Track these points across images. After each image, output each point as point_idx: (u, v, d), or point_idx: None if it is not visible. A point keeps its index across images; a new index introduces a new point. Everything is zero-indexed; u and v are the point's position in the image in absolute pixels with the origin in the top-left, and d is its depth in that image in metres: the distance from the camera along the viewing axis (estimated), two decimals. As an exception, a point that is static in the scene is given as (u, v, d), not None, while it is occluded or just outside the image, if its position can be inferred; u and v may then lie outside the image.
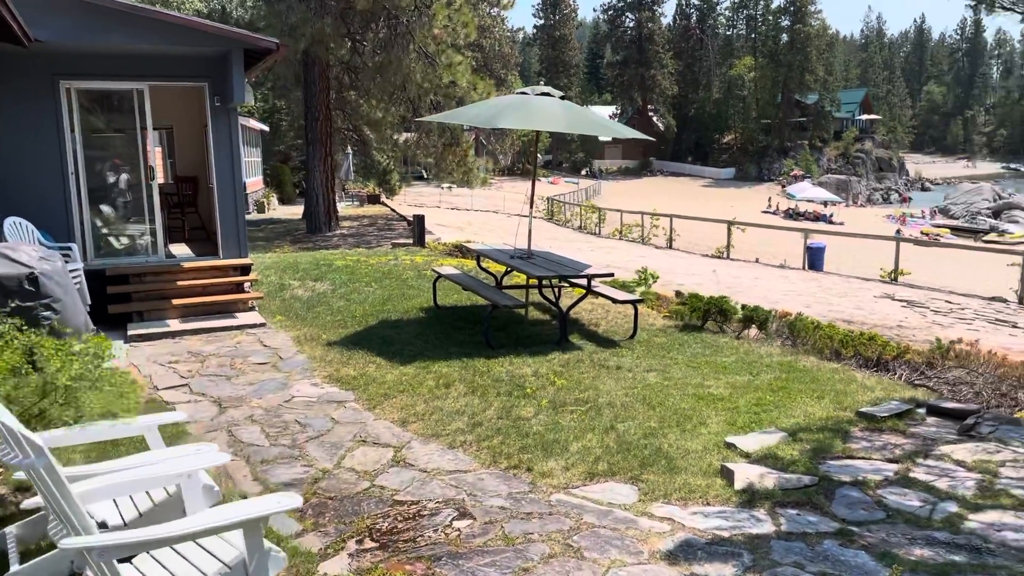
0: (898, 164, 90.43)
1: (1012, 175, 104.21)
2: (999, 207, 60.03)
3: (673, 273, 18.89)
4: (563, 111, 7.88)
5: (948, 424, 5.50)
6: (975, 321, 14.68)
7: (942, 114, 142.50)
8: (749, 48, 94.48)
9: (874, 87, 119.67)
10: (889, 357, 8.83)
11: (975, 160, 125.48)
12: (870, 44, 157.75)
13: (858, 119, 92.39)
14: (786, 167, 79.87)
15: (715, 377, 6.74)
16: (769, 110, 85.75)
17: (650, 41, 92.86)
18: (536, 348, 7.73)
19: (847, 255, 25.12)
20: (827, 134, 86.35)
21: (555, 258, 8.92)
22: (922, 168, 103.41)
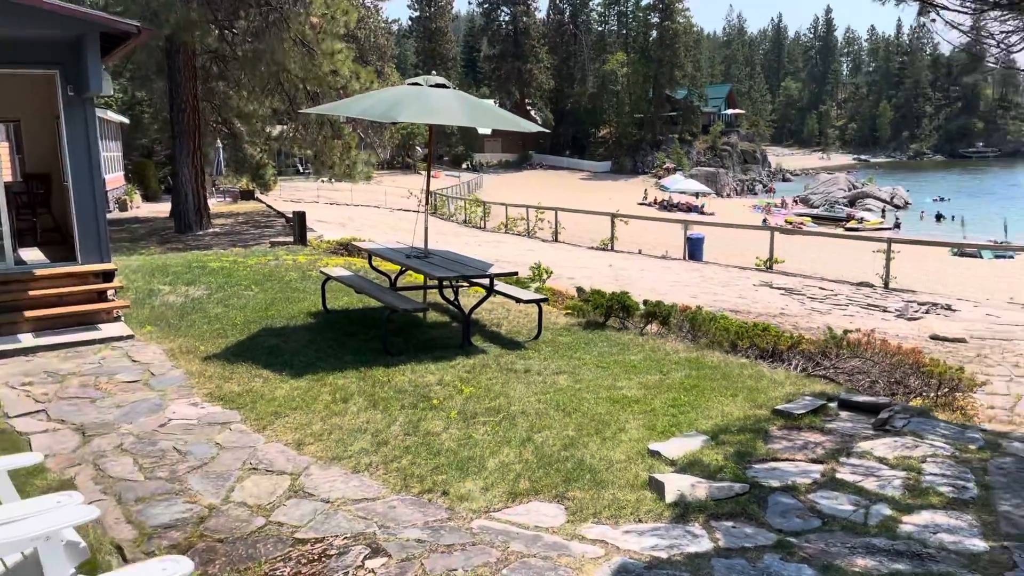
0: (761, 156, 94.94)
1: (862, 166, 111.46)
2: (854, 196, 64.00)
3: (563, 267, 18.84)
4: (461, 103, 7.46)
5: (862, 418, 5.48)
6: (849, 306, 15.31)
7: (798, 109, 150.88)
8: (621, 44, 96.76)
9: (737, 83, 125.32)
10: (784, 347, 8.92)
11: (829, 152, 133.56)
12: (732, 41, 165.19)
13: (724, 113, 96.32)
14: (659, 160, 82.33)
15: (626, 377, 6.53)
16: (642, 105, 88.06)
17: (526, 35, 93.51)
18: (439, 353, 7.30)
19: (723, 245, 25.95)
20: (696, 128, 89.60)
21: (454, 257, 8.50)
22: (783, 160, 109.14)
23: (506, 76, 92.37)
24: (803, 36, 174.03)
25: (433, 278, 7.31)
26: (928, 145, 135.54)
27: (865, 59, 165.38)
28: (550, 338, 7.93)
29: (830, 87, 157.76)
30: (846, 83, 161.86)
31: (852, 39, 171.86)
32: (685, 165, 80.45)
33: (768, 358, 8.78)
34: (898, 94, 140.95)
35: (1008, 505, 4.04)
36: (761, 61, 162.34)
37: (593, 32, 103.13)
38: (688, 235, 23.07)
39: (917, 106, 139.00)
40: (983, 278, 24.92)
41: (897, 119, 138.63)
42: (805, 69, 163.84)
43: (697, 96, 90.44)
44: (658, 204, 60.79)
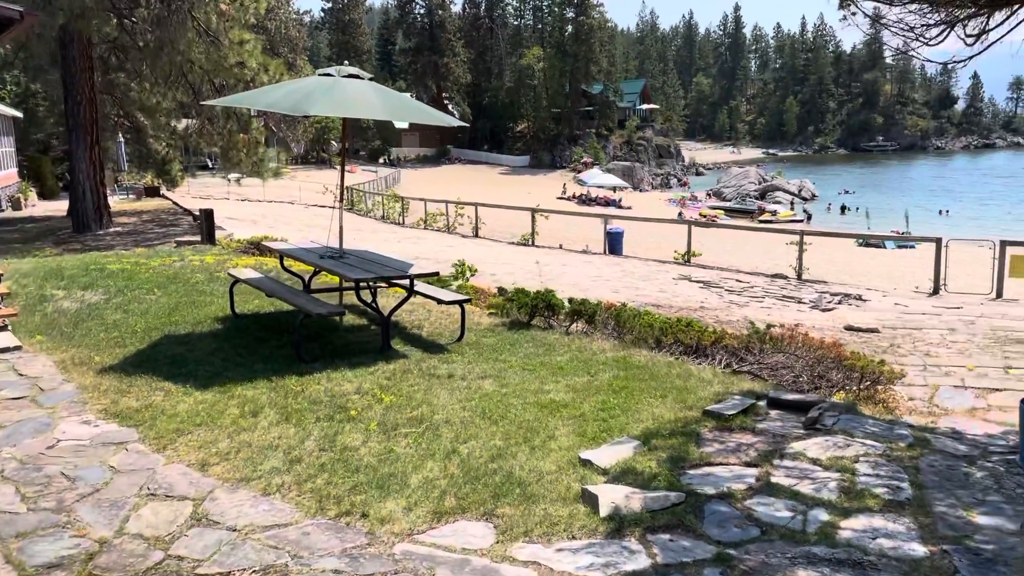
0: (675, 151, 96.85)
1: (771, 160, 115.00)
2: (764, 189, 65.89)
3: (485, 263, 18.58)
4: (377, 96, 7.09)
5: (791, 417, 5.40)
6: (765, 298, 15.55)
7: (710, 104, 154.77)
8: (537, 38, 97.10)
9: (652, 78, 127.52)
10: (708, 343, 8.88)
11: (740, 146, 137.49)
12: (646, 37, 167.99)
13: (639, 108, 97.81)
14: (576, 155, 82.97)
15: (553, 380, 6.31)
16: (559, 99, 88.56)
17: (442, 28, 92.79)
18: (356, 359, 6.93)
19: (641, 239, 26.16)
20: (612, 123, 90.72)
21: (372, 256, 8.12)
22: (696, 154, 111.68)
23: (422, 70, 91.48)
24: (713, 33, 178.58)
25: (349, 280, 6.94)
26: (832, 139, 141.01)
27: (772, 56, 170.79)
28: (474, 340, 7.66)
29: (740, 83, 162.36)
30: (755, 79, 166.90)
31: (759, 36, 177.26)
32: (602, 160, 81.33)
33: (692, 354, 8.73)
34: (803, 90, 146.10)
35: (943, 506, 3.98)
36: (674, 57, 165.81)
37: (509, 26, 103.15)
38: (608, 229, 23.13)
39: (821, 102, 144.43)
40: (888, 267, 25.89)
41: (803, 114, 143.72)
42: (716, 65, 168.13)
43: (613, 91, 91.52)
44: (576, 198, 61.21)
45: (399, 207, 34.01)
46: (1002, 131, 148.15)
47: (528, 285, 15.10)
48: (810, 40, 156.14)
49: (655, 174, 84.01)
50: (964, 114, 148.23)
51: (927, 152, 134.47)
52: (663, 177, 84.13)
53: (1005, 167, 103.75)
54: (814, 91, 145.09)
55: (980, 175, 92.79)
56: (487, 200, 31.21)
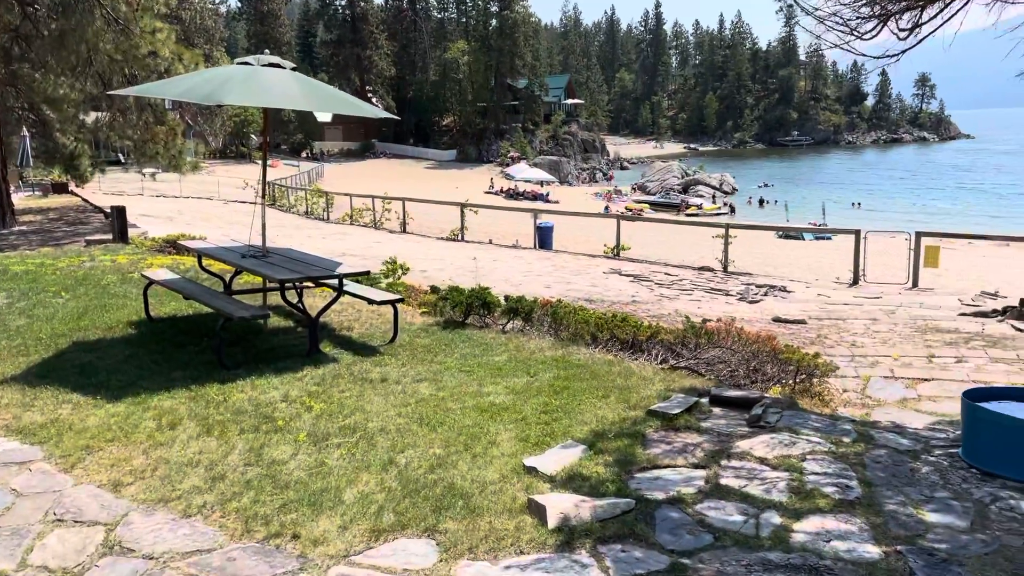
0: (600, 145, 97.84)
1: (692, 154, 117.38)
2: (687, 183, 67.10)
3: (414, 259, 18.22)
4: (299, 86, 6.71)
5: (734, 414, 5.32)
6: (694, 291, 15.68)
7: (633, 99, 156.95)
8: (462, 32, 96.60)
9: (576, 73, 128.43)
10: (643, 338, 8.81)
11: (662, 141, 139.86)
12: (569, 32, 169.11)
13: (564, 103, 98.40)
14: (503, 149, 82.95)
15: (492, 382, 6.08)
16: (484, 93, 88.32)
17: (364, 21, 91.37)
18: (282, 364, 6.56)
19: (570, 233, 26.18)
20: (538, 117, 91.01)
21: (297, 255, 7.73)
22: (620, 149, 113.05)
23: (345, 62, 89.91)
24: (635, 29, 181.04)
25: (274, 281, 6.56)
26: (750, 134, 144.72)
27: (692, 52, 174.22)
28: (407, 341, 7.37)
29: (661, 79, 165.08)
30: (675, 75, 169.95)
31: (680, 33, 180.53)
32: (529, 154, 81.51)
33: (628, 349, 8.65)
34: (722, 86, 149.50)
35: (893, 504, 3.93)
36: (597, 52, 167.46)
37: (433, 20, 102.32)
38: (538, 224, 23.05)
39: (739, 98, 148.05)
40: (808, 259, 26.54)
41: (722, 110, 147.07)
42: (638, 61, 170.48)
43: (538, 86, 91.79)
44: (504, 193, 61.15)
45: (323, 202, 33.24)
46: (908, 126, 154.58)
47: (460, 281, 14.86)
48: (728, 37, 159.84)
49: (581, 168, 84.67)
50: (873, 110, 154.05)
51: (839, 146, 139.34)
52: (589, 171, 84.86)
53: (910, 161, 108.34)
54: (732, 87, 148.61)
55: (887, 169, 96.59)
56: (414, 195, 30.76)
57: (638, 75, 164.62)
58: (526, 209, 27.01)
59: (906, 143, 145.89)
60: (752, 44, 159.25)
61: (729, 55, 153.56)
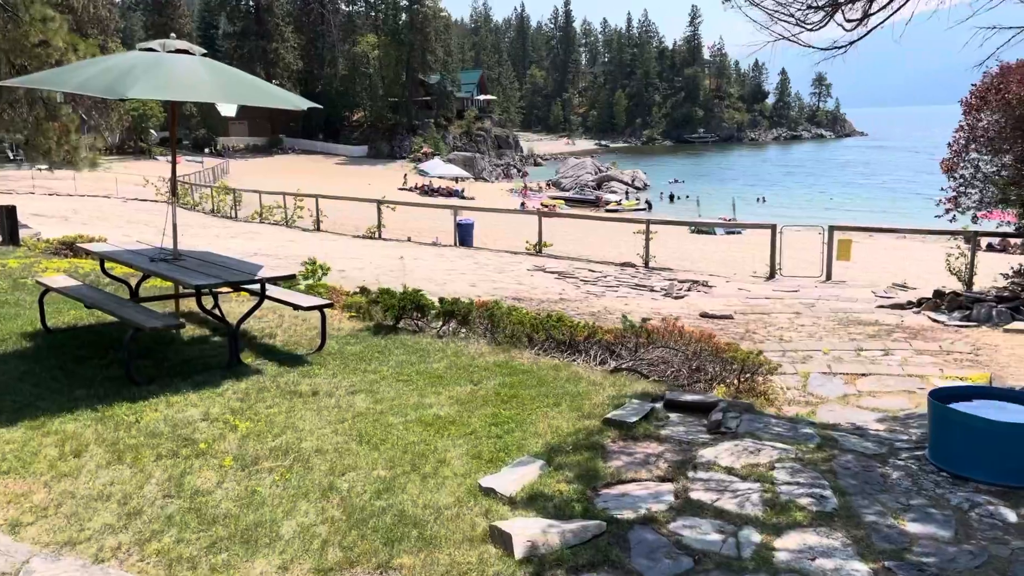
0: (514, 141, 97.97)
1: (604, 151, 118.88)
2: (600, 179, 67.79)
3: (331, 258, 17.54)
4: (211, 75, 6.12)
5: (692, 420, 5.08)
6: (620, 287, 15.62)
7: (544, 96, 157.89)
8: (371, 26, 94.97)
9: (488, 69, 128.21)
10: (581, 338, 8.58)
11: (574, 138, 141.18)
12: (480, 28, 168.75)
13: (476, 99, 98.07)
14: (416, 145, 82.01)
15: (434, 391, 5.68)
16: (395, 89, 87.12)
17: (269, 13, 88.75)
18: (201, 377, 5.98)
19: (489, 230, 25.86)
20: (451, 113, 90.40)
21: (213, 258, 7.11)
22: (533, 145, 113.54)
23: (249, 56, 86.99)
24: (545, 26, 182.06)
25: (188, 287, 5.98)
26: (658, 131, 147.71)
27: (601, 50, 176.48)
28: (336, 348, 6.87)
29: (572, 76, 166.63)
30: (586, 72, 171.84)
31: (589, 31, 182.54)
32: (442, 150, 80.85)
33: (566, 350, 8.40)
34: (631, 84, 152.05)
35: (871, 514, 3.75)
36: (508, 49, 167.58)
37: (341, 13, 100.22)
38: (458, 221, 22.66)
39: (647, 95, 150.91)
40: (721, 253, 27.03)
41: (631, 107, 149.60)
42: (548, 58, 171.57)
43: (450, 81, 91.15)
44: (419, 189, 60.37)
45: (230, 200, 31.91)
46: (807, 124, 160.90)
47: (382, 281, 14.34)
48: (636, 36, 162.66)
49: (495, 164, 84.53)
50: (774, 108, 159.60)
51: (743, 143, 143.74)
52: (503, 167, 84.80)
53: (809, 158, 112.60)
54: (641, 85, 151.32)
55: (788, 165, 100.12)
56: (325, 192, 29.75)
57: (549, 72, 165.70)
58: (446, 206, 26.54)
59: (805, 140, 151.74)
60: (659, 43, 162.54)
61: (637, 53, 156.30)
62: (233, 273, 6.31)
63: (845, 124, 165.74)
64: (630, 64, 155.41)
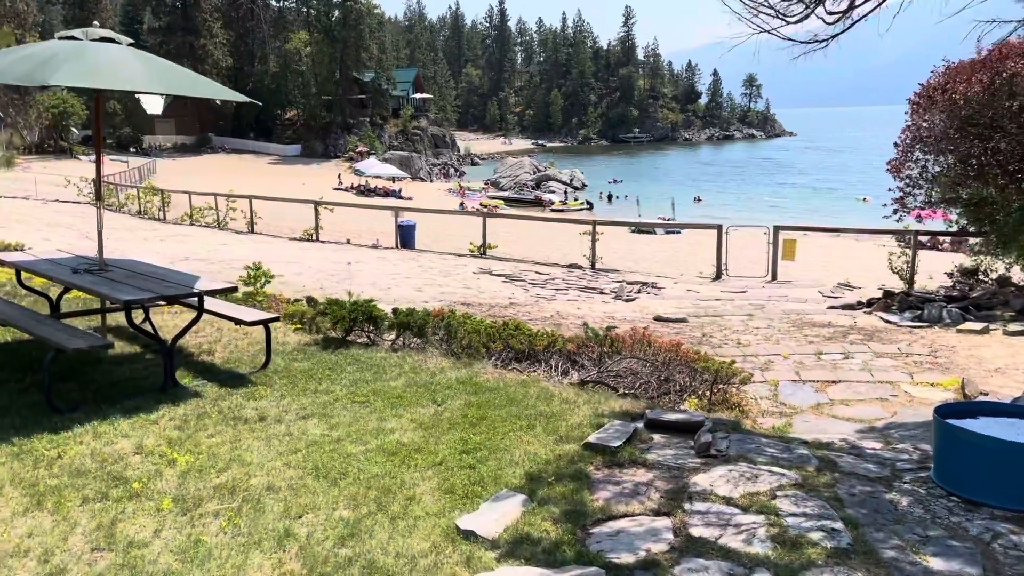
0: (451, 141, 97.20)
1: (540, 150, 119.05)
2: (539, 178, 67.67)
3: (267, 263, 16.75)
4: (142, 64, 5.52)
5: (677, 440, 4.73)
6: (569, 290, 15.31)
7: (480, 95, 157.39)
8: (303, 22, 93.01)
9: (423, 68, 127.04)
10: (540, 347, 8.21)
11: (511, 137, 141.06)
12: (414, 26, 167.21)
13: (412, 97, 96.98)
14: (351, 144, 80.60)
15: (394, 414, 5.20)
16: (329, 86, 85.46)
17: (196, 7, 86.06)
18: (132, 403, 5.37)
19: (431, 231, 25.30)
20: (386, 111, 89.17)
21: (144, 269, 6.47)
22: (470, 144, 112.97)
23: (176, 51, 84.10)
24: (480, 25, 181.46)
25: (117, 302, 5.36)
26: (594, 131, 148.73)
27: (536, 50, 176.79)
28: (283, 365, 6.32)
29: (507, 75, 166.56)
30: (521, 71, 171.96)
31: (524, 30, 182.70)
32: (378, 149, 79.65)
33: (525, 360, 8.02)
34: (566, 83, 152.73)
35: (890, 549, 3.44)
36: (443, 47, 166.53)
37: (272, 8, 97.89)
38: (399, 222, 22.06)
39: (583, 95, 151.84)
40: (663, 253, 27.03)
41: (567, 107, 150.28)
42: (484, 57, 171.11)
43: (385, 79, 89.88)
44: (354, 189, 59.23)
45: (158, 201, 30.56)
46: (739, 124, 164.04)
47: (325, 287, 13.72)
48: (571, 35, 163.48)
49: (433, 164, 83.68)
50: (707, 108, 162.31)
51: (677, 143, 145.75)
52: (441, 167, 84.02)
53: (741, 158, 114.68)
54: (576, 85, 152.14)
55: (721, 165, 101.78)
56: (258, 192, 28.71)
57: (484, 71, 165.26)
58: (387, 207, 25.87)
59: (737, 140, 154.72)
60: (593, 43, 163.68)
61: (572, 53, 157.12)
62: (167, 286, 5.70)
63: (775, 124, 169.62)
64: (565, 64, 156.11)
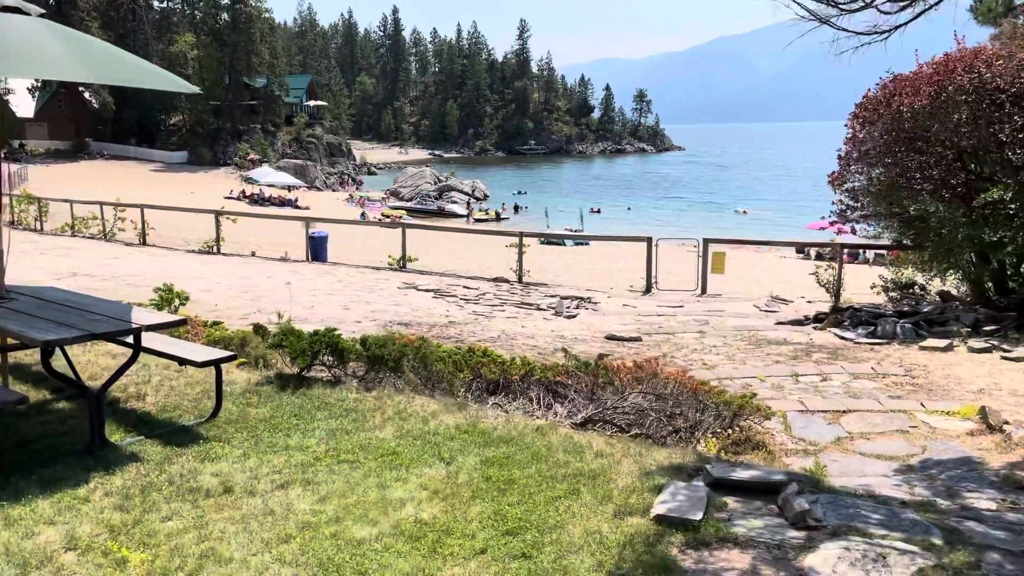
0: (347, 150, 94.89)
1: (437, 161, 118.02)
2: (440, 189, 66.69)
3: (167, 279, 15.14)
4: (64, 44, 4.31)
5: (756, 504, 3.94)
6: (505, 307, 14.47)
7: (375, 104, 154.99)
8: (189, 24, 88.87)
9: (317, 75, 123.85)
10: (517, 377, 7.37)
11: (407, 147, 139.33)
12: (306, 32, 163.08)
13: (306, 105, 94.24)
14: (242, 151, 77.35)
15: (396, 477, 4.19)
16: (217, 91, 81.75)
17: (72, 6, 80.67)
18: (50, 471, 4.14)
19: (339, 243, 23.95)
20: (279, 118, 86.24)
21: (55, 296, 5.17)
22: (366, 154, 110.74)
23: (49, 50, 78.72)
24: (374, 33, 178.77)
25: (33, 343, 4.14)
26: (491, 142, 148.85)
27: (431, 60, 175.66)
28: (236, 412, 5.17)
29: (403, 84, 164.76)
30: (417, 81, 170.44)
31: (419, 40, 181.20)
32: (271, 157, 76.74)
33: (500, 392, 7.16)
34: (462, 94, 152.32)
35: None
36: (336, 55, 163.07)
37: (155, 9, 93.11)
38: (310, 233, 20.65)
39: (479, 106, 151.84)
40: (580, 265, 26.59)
41: (463, 118, 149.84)
42: (378, 66, 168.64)
43: (278, 85, 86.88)
44: (248, 198, 56.57)
45: (34, 210, 27.83)
46: (630, 138, 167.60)
47: (238, 306, 12.38)
48: (466, 47, 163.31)
49: (329, 173, 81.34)
50: (600, 122, 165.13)
51: (571, 155, 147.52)
52: (337, 176, 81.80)
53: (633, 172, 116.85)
54: (472, 96, 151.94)
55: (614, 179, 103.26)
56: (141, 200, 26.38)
57: (379, 80, 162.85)
58: (298, 217, 24.25)
59: (628, 153, 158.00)
60: (488, 55, 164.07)
61: (468, 64, 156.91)
62: (94, 320, 4.47)
63: (664, 139, 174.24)
64: (461, 75, 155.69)
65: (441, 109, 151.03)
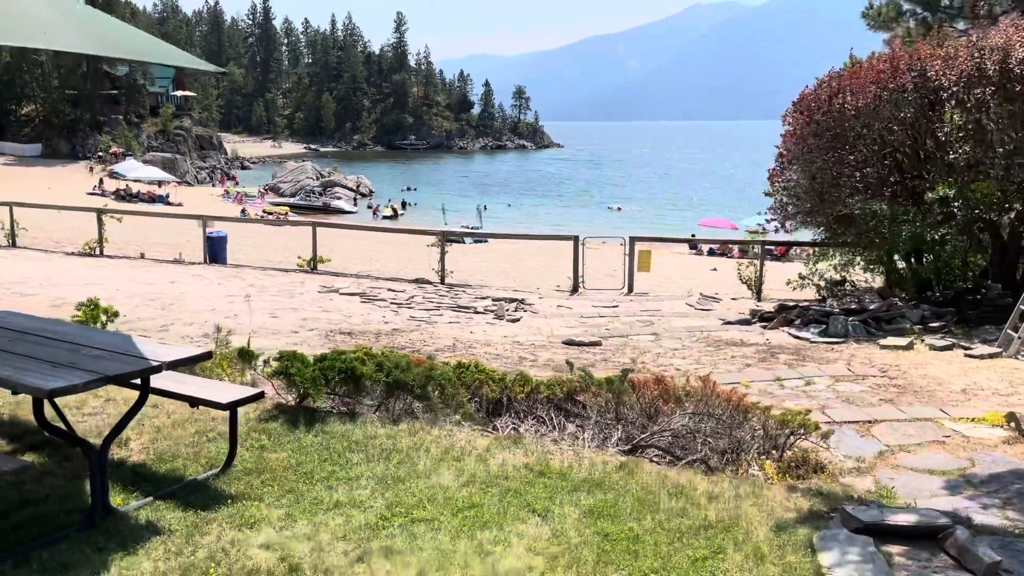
0: (218, 143, 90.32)
1: (313, 155, 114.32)
2: (324, 184, 64.41)
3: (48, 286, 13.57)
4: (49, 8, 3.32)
5: (924, 556, 3.45)
6: (442, 311, 13.76)
7: (244, 95, 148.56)
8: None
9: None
10: (520, 395, 6.78)
11: (280, 140, 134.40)
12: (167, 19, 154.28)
13: (173, 95, 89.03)
14: (103, 144, 72.05)
15: (494, 540, 3.47)
16: (74, 79, 75.92)
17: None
18: (49, 555, 3.17)
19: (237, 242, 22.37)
20: (143, 109, 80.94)
21: (30, 325, 4.01)
22: (237, 147, 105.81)
23: None
24: (242, 22, 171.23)
25: (30, 391, 3.14)
26: (369, 137, 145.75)
27: (304, 51, 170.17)
28: (252, 460, 4.27)
29: (274, 76, 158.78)
30: (289, 72, 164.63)
31: (290, 30, 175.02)
32: (136, 150, 71.80)
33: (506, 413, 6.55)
34: (338, 87, 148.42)
35: None
36: (200, 43, 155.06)
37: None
38: (208, 233, 19.09)
39: (356, 100, 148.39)
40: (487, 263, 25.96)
41: (340, 111, 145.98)
42: (247, 56, 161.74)
43: (141, 74, 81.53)
44: (115, 194, 52.57)
45: None
46: (511, 134, 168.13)
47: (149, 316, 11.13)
48: (341, 38, 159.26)
49: (200, 167, 77.06)
50: (480, 118, 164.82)
51: (452, 151, 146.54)
52: (209, 170, 77.65)
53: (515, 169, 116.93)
54: (348, 89, 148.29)
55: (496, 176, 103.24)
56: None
57: (248, 70, 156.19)
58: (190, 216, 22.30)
59: (509, 149, 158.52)
60: (364, 47, 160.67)
61: (343, 56, 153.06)
62: (97, 358, 3.46)
63: (544, 136, 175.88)
64: (336, 67, 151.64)
65: (316, 102, 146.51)
